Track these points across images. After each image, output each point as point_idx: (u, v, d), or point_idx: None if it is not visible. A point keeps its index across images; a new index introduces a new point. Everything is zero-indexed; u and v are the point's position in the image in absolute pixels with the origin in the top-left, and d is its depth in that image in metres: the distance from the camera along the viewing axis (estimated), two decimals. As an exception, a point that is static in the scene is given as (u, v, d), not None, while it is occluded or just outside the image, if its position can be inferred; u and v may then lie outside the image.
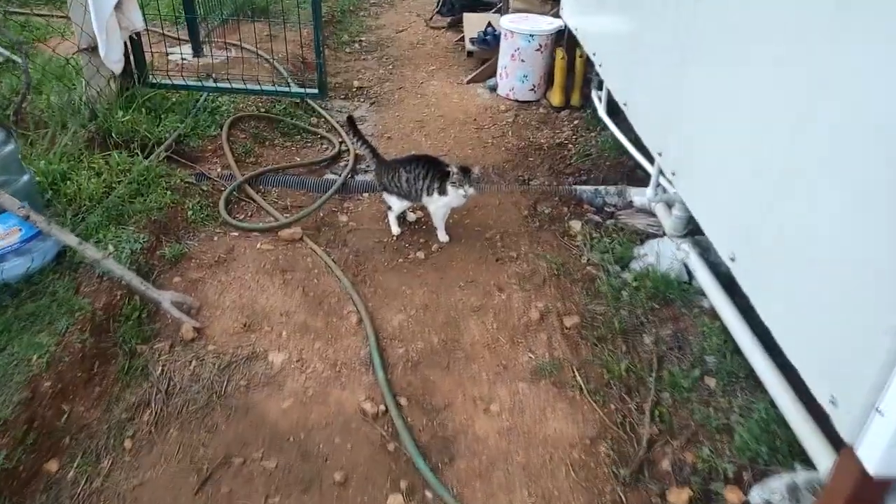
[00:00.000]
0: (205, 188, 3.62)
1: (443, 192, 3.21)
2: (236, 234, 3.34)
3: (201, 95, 4.42)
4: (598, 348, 2.72)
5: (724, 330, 2.70)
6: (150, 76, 4.25)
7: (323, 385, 2.51)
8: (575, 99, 5.02)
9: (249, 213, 3.56)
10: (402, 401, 2.46)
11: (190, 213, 3.38)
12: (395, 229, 3.45)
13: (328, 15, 7.09)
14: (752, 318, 2.54)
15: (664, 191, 3.47)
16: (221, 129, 4.12)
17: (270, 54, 5.24)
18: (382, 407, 2.42)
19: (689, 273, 3.09)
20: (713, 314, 2.84)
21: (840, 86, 1.62)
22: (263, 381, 2.51)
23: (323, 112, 4.81)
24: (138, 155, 3.61)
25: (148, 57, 4.27)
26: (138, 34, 4.11)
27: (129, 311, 2.70)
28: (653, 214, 3.62)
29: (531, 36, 4.91)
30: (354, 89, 5.46)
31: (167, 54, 5.18)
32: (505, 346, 2.74)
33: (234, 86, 4.31)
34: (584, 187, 3.89)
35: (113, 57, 3.90)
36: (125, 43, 4.06)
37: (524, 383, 2.55)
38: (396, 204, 3.36)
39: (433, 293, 3.02)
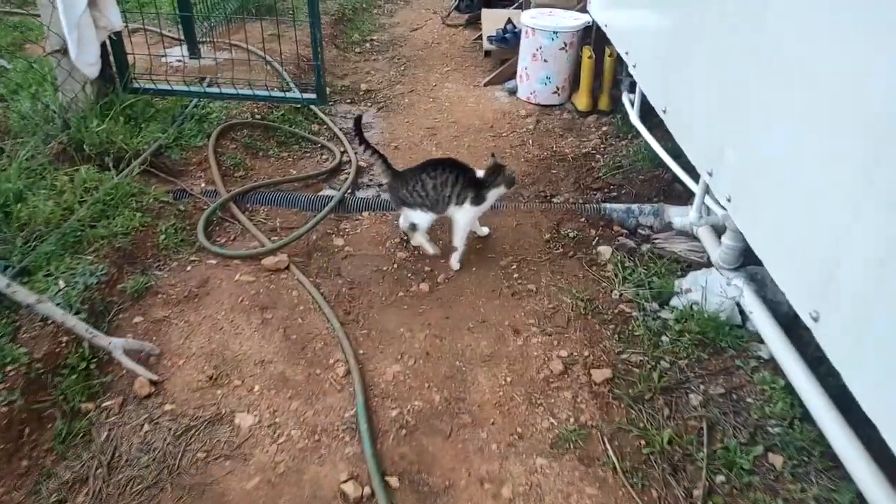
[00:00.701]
0: (182, 207, 3.20)
1: (478, 200, 2.82)
2: (214, 261, 2.92)
3: (190, 101, 4.02)
4: (634, 411, 2.24)
5: (790, 389, 2.21)
6: (133, 80, 3.85)
7: (297, 459, 2.06)
8: (603, 103, 4.52)
9: (232, 237, 3.14)
10: (393, 480, 2.00)
11: (162, 237, 2.96)
12: (431, 248, 3.03)
13: (338, 12, 6.68)
14: (823, 368, 2.04)
15: (708, 212, 2.97)
16: (209, 139, 3.71)
17: (274, 56, 4.82)
18: (368, 489, 1.96)
19: (742, 313, 2.60)
20: (774, 368, 2.34)
21: None
22: (226, 452, 2.07)
23: (325, 118, 4.38)
24: (110, 169, 3.20)
25: (139, 59, 3.88)
26: (118, 34, 3.71)
27: (76, 361, 2.28)
28: (696, 238, 3.12)
29: (555, 33, 4.42)
30: (362, 93, 5.02)
31: (161, 56, 4.80)
32: (520, 406, 2.27)
33: (225, 91, 3.90)
34: (614, 205, 3.39)
35: (87, 59, 3.50)
36: (104, 44, 3.67)
37: (543, 459, 2.07)
38: (423, 218, 2.90)
39: (436, 337, 2.56)
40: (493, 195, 2.88)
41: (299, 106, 4.43)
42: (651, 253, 3.04)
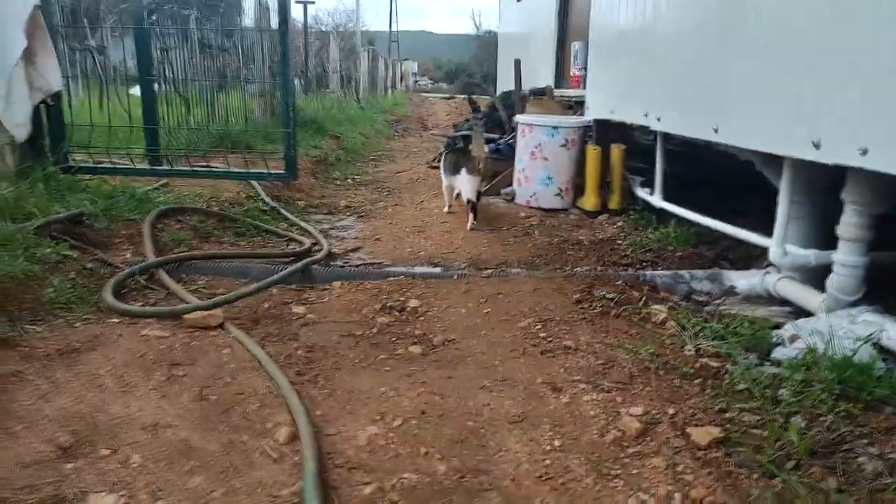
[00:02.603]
0: (91, 265, 2.41)
1: None
2: (117, 320, 2.07)
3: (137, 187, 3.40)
4: (777, 483, 1.32)
5: None
6: (70, 157, 3.26)
7: (180, 564, 1.08)
8: (614, 202, 3.99)
9: (153, 301, 2.31)
10: None
11: (51, 291, 2.14)
12: None
13: (320, 156, 6.42)
14: None
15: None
16: (148, 215, 3.02)
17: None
18: None
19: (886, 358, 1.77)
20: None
21: None
22: (47, 557, 1.09)
23: (295, 219, 3.75)
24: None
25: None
26: (57, 99, 3.21)
27: None
28: (773, 300, 2.37)
29: (555, 129, 4.03)
30: (341, 207, 4.47)
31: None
32: (584, 479, 1.33)
33: (179, 168, 3.32)
34: (656, 272, 2.68)
35: (13, 117, 2.95)
36: (38, 107, 3.15)
37: (645, 556, 1.11)
38: None
39: (436, 394, 1.67)
40: None
41: (266, 208, 3.84)
42: (720, 314, 2.26)
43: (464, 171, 3.64)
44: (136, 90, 4.11)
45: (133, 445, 1.41)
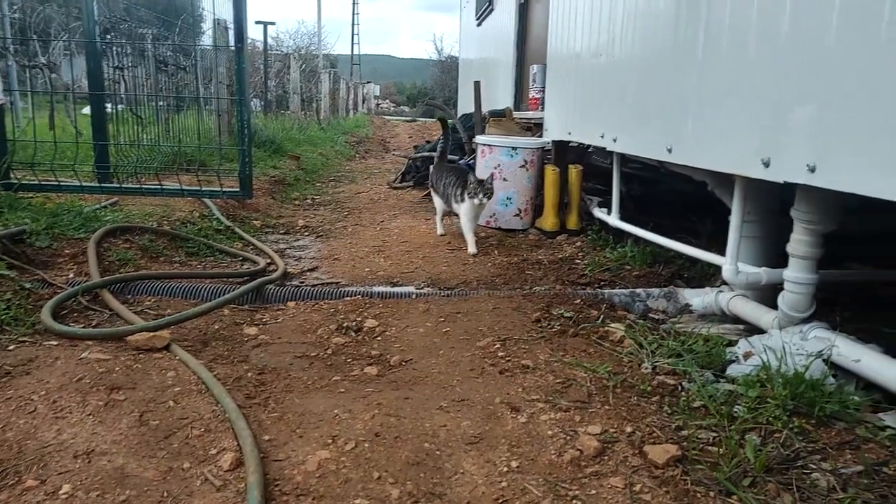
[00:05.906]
0: (28, 285, 2.30)
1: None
2: (55, 343, 1.96)
3: (84, 206, 3.27)
4: (731, 501, 1.30)
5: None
6: (11, 173, 3.13)
7: None
8: (572, 222, 4.02)
9: (95, 323, 2.21)
10: None
11: (-18, 312, 2.02)
12: None
13: (278, 175, 6.33)
14: None
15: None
16: (94, 234, 2.90)
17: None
18: None
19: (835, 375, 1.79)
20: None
21: None
22: None
23: (251, 238, 3.67)
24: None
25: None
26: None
27: None
28: (726, 317, 2.40)
29: (514, 149, 4.05)
30: (299, 227, 4.39)
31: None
32: (541, 502, 1.30)
33: (128, 186, 3.21)
34: (614, 291, 2.68)
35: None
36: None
37: (603, 579, 1.08)
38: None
39: (391, 416, 1.62)
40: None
41: (220, 228, 3.75)
42: (675, 332, 2.27)
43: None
44: (88, 109, 4.01)
45: (64, 474, 1.32)
